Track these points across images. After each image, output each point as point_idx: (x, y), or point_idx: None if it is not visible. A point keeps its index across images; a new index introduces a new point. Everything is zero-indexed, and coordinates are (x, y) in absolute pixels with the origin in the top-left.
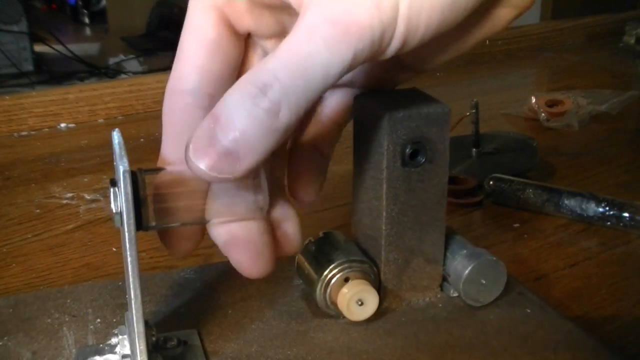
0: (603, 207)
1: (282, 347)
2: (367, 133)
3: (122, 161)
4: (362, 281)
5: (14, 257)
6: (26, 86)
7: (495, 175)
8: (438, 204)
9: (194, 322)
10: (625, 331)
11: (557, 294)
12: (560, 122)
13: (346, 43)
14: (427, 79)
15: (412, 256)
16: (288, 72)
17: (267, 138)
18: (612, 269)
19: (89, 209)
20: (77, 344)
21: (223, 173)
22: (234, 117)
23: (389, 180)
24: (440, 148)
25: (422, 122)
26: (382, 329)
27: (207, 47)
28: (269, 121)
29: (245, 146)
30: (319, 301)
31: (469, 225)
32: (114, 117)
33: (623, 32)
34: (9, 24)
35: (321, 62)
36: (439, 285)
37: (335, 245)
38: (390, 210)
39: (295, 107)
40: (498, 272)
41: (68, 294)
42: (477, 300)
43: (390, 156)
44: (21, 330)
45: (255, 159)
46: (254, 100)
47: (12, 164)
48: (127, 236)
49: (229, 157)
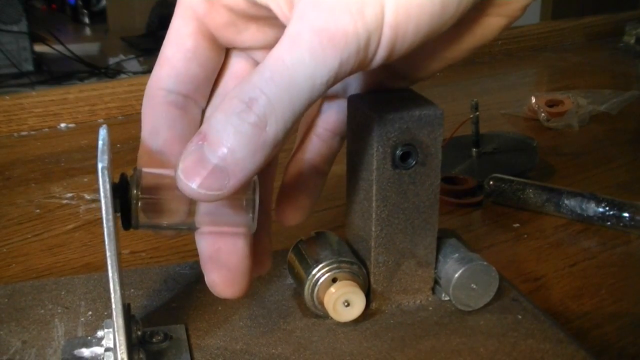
0: (603, 207)
1: (267, 345)
2: (359, 134)
3: (102, 158)
4: (350, 282)
5: (14, 257)
6: (26, 86)
7: (495, 175)
8: (430, 207)
9: (184, 317)
10: (625, 331)
11: (557, 294)
12: (560, 122)
13: (331, 52)
14: (427, 79)
15: (403, 258)
16: (273, 84)
17: (256, 153)
18: (612, 269)
19: (89, 209)
20: (66, 335)
21: (213, 190)
22: (221, 134)
23: (379, 182)
24: (433, 151)
25: (414, 124)
26: (370, 330)
27: (183, 55)
28: (257, 136)
29: (234, 162)
30: (307, 301)
31: (469, 225)
32: (114, 117)
33: (623, 32)
34: (9, 24)
35: (306, 72)
36: (430, 288)
37: (325, 245)
38: (380, 212)
39: (282, 120)
40: (490, 277)
41: (63, 286)
42: (467, 305)
43: (380, 158)
44: (14, 319)
45: (245, 175)
46: (240, 115)
47: (12, 164)
48: (105, 231)
49: (219, 174)
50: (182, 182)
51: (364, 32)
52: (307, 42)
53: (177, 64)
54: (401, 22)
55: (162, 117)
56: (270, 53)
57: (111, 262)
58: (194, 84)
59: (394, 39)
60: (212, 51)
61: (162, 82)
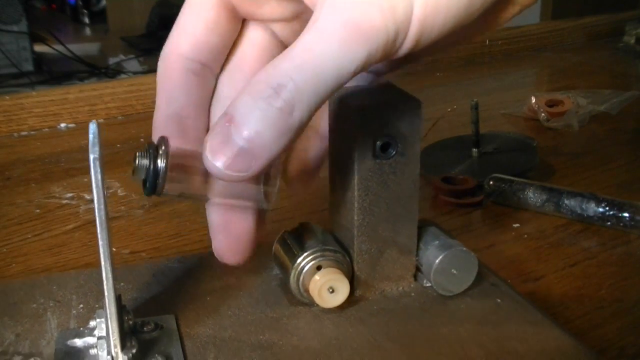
0: (603, 207)
1: (255, 332)
2: (340, 125)
3: (94, 150)
4: (334, 269)
5: (14, 257)
6: (26, 86)
7: (495, 175)
8: (411, 196)
9: (173, 308)
10: (625, 331)
11: (557, 294)
12: (560, 122)
13: (360, 44)
14: (427, 79)
15: (386, 246)
16: (301, 72)
17: (281, 136)
18: (612, 269)
19: (89, 209)
20: (59, 328)
21: (238, 171)
22: (248, 117)
23: (360, 172)
24: (412, 141)
25: (394, 116)
26: (354, 316)
27: (205, 25)
28: (283, 120)
29: (260, 145)
30: (293, 289)
31: (469, 225)
32: (114, 117)
33: (623, 32)
34: (9, 24)
35: (334, 62)
36: (412, 275)
37: (310, 235)
38: (362, 201)
39: (308, 106)
40: (469, 263)
41: (54, 281)
42: (448, 290)
43: (362, 148)
44: (7, 314)
45: (270, 157)
46: (267, 100)
47: (12, 164)
48: (97, 221)
49: (244, 156)
50: (208, 161)
51: (393, 27)
52: (337, 33)
53: (198, 34)
54: (429, 15)
55: (180, 83)
56: (299, 40)
57: (103, 251)
58: (212, 54)
59: (420, 33)
60: (231, 22)
61: (182, 49)
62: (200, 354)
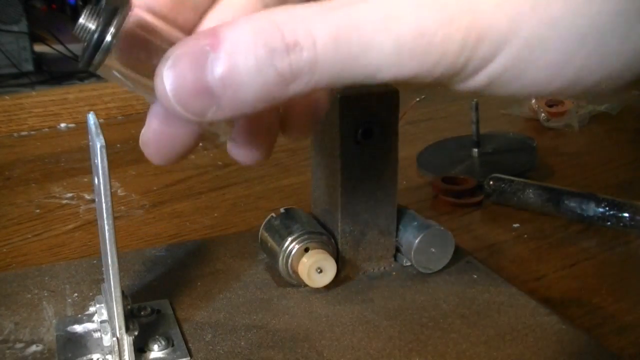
0: (603, 207)
1: (248, 313)
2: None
3: (99, 138)
4: (321, 251)
5: (13, 257)
6: (26, 86)
7: (495, 175)
8: (390, 179)
9: (166, 294)
10: (625, 331)
11: (557, 294)
12: (560, 122)
13: (418, 63)
14: None
15: (367, 228)
16: (333, 49)
17: (261, 101)
18: (612, 269)
19: (88, 209)
20: (56, 316)
21: (187, 110)
22: (237, 57)
23: (344, 157)
24: (391, 128)
25: (373, 103)
26: (341, 295)
27: None
28: (275, 86)
29: (232, 97)
30: (282, 271)
31: (469, 225)
32: (114, 117)
33: None
34: (9, 24)
35: (377, 62)
36: (392, 255)
37: (295, 220)
38: (345, 185)
39: (313, 85)
40: (446, 241)
41: (46, 272)
42: (427, 267)
43: (345, 134)
44: (3, 304)
45: (234, 114)
46: (272, 54)
47: (12, 164)
48: (104, 206)
49: (206, 97)
50: (159, 78)
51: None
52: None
53: None
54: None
55: None
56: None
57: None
58: None
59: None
60: None
61: None
62: (198, 335)
